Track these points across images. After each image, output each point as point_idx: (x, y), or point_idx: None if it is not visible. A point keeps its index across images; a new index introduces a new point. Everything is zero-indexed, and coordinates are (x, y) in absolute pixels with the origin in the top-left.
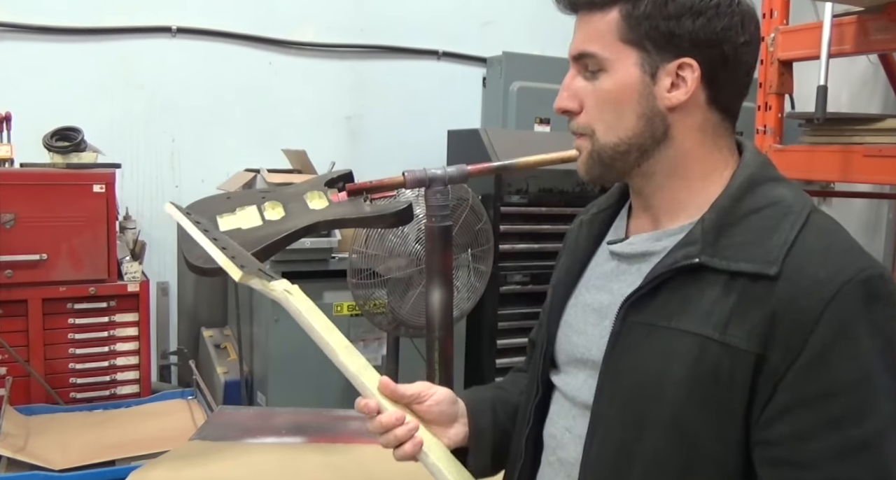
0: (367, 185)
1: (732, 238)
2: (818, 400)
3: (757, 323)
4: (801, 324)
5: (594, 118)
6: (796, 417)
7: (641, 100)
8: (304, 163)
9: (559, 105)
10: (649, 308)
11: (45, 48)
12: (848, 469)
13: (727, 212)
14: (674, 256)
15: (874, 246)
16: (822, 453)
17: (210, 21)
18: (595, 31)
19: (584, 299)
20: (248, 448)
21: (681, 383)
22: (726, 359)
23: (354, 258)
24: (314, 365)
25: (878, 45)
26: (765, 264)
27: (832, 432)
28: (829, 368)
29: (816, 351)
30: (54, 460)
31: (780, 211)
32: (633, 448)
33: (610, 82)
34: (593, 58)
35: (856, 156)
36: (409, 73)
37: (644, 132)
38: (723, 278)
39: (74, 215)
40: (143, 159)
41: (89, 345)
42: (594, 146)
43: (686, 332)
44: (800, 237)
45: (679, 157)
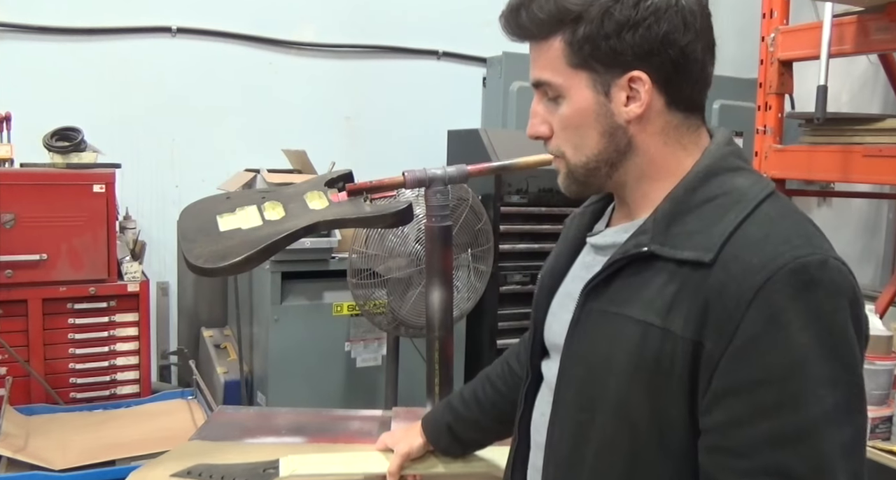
0: (367, 185)
1: (682, 226)
2: (750, 387)
3: (693, 311)
4: (731, 311)
5: (562, 141)
6: (729, 404)
7: (600, 119)
8: (304, 163)
9: (531, 132)
10: (605, 295)
11: (45, 48)
12: (781, 457)
13: (679, 201)
14: (627, 245)
15: (874, 246)
16: (755, 440)
17: (210, 21)
18: (545, 60)
19: (566, 289)
20: (248, 448)
21: (624, 368)
22: (667, 345)
23: (354, 258)
24: (314, 365)
25: (878, 45)
26: (703, 251)
27: (764, 420)
28: (760, 355)
29: (747, 337)
30: (54, 460)
31: (732, 200)
32: (587, 430)
33: (568, 107)
34: (549, 85)
35: (856, 156)
36: (409, 72)
37: (608, 148)
38: (670, 266)
39: (74, 215)
40: (143, 159)
41: (89, 345)
42: (568, 166)
43: (630, 318)
44: (743, 225)
45: (646, 163)
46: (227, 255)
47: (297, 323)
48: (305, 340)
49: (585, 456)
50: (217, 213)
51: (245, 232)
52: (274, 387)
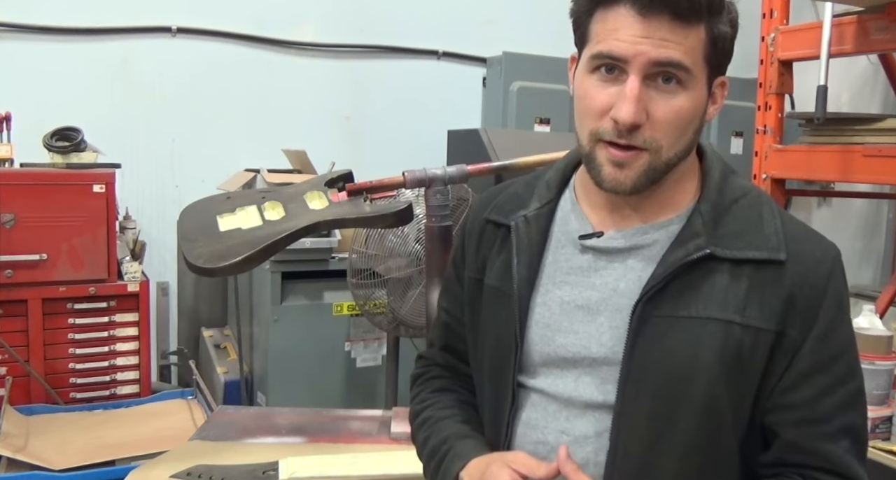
0: (367, 185)
1: (726, 227)
2: (831, 363)
3: (774, 304)
4: (813, 300)
5: (662, 133)
6: (813, 381)
7: (702, 117)
8: (304, 163)
9: (635, 119)
10: (664, 301)
11: (45, 48)
12: (852, 416)
13: (717, 203)
14: (685, 249)
15: (874, 246)
16: (835, 407)
17: (210, 21)
18: (688, 45)
19: (556, 296)
20: (248, 448)
21: (712, 366)
22: (747, 339)
23: (354, 258)
24: (314, 365)
25: (878, 45)
26: (772, 251)
27: (840, 388)
28: (836, 334)
29: (826, 321)
30: (54, 460)
31: (755, 200)
32: (664, 437)
33: (687, 100)
34: (686, 72)
35: (856, 156)
36: (409, 72)
37: (691, 146)
38: (727, 266)
39: (74, 215)
40: (143, 159)
41: (89, 345)
42: (654, 161)
43: (710, 319)
44: (784, 225)
45: (688, 164)
46: (227, 255)
47: (297, 323)
48: (305, 340)
49: (664, 464)
50: (217, 213)
51: (245, 232)
52: (274, 387)
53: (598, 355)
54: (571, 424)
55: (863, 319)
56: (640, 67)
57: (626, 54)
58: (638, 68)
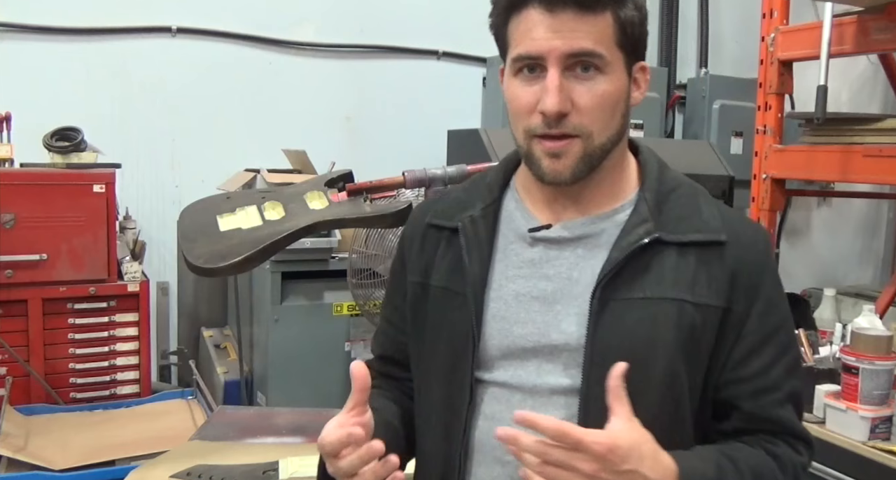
0: (367, 185)
1: (668, 214)
2: (774, 334)
3: (721, 282)
4: (753, 277)
5: (590, 119)
6: (762, 353)
7: (626, 101)
8: (304, 163)
9: (559, 108)
10: (620, 285)
11: (45, 48)
12: (794, 382)
13: (658, 191)
14: (635, 234)
15: (874, 246)
16: (781, 375)
17: (210, 21)
18: (596, 32)
19: (510, 290)
20: (247, 448)
21: (670, 344)
22: (699, 317)
23: (354, 258)
24: (314, 365)
25: (878, 45)
26: (713, 233)
27: (784, 357)
28: (776, 306)
29: (767, 294)
30: (54, 460)
31: (690, 190)
32: None
33: (609, 84)
34: (600, 58)
35: (856, 156)
36: (409, 73)
37: (622, 130)
38: (674, 249)
39: (74, 215)
40: (143, 159)
41: (89, 345)
42: (588, 148)
43: (664, 299)
44: (719, 211)
45: (622, 152)
46: (227, 255)
47: (297, 323)
48: (305, 340)
49: None
50: (217, 213)
51: (245, 232)
52: (274, 387)
53: (559, 342)
54: (538, 411)
55: (863, 319)
56: (556, 61)
57: (542, 51)
58: (555, 62)
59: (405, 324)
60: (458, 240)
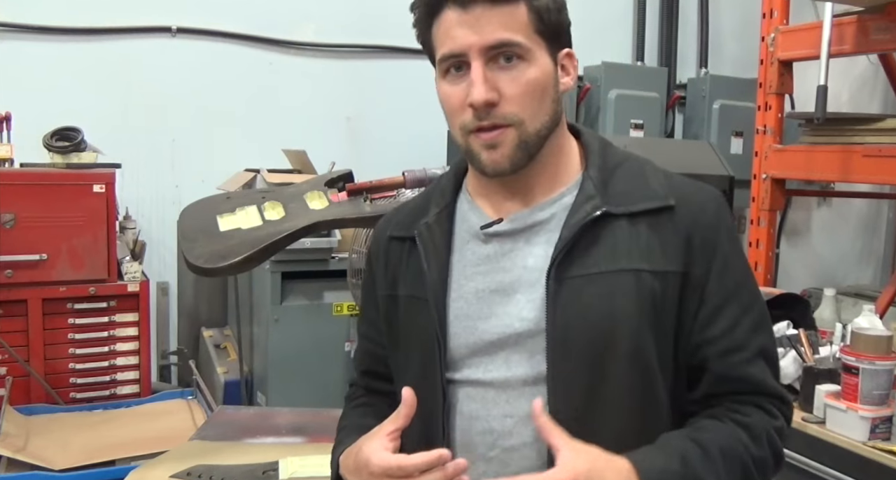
0: (367, 185)
1: (615, 187)
2: (736, 292)
3: (675, 247)
4: (708, 238)
5: (519, 107)
6: (725, 312)
7: (555, 86)
8: (304, 163)
9: (486, 97)
10: (574, 262)
11: (45, 48)
12: (762, 338)
13: (602, 168)
14: (583, 211)
15: (874, 245)
16: (747, 332)
17: (210, 21)
18: (512, 22)
19: (471, 288)
20: (248, 448)
21: (632, 315)
22: (658, 284)
23: (354, 258)
24: (314, 365)
25: (878, 45)
26: (661, 199)
27: (748, 314)
28: (734, 266)
29: (724, 254)
30: (54, 460)
31: (636, 163)
32: (598, 391)
33: (534, 71)
34: (519, 47)
35: (856, 156)
36: (409, 73)
37: (555, 116)
38: (624, 221)
39: (74, 215)
40: (143, 159)
41: (89, 345)
42: (522, 135)
43: (620, 270)
44: (666, 179)
45: (560, 137)
46: (227, 255)
47: (297, 323)
48: (305, 340)
49: (602, 420)
50: (217, 213)
51: (245, 232)
52: (274, 387)
53: (522, 329)
54: (513, 406)
55: (863, 319)
56: (477, 54)
57: (462, 48)
58: (476, 55)
59: (382, 338)
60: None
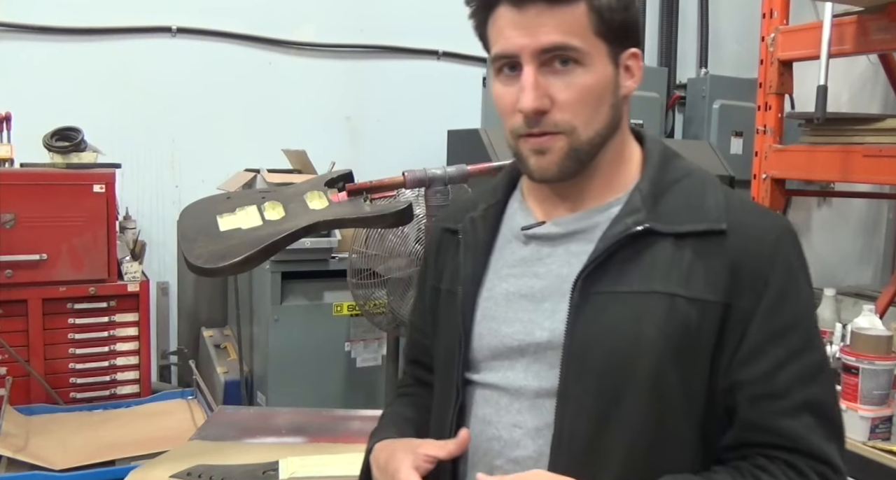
0: (367, 185)
1: (667, 205)
2: (785, 334)
3: (719, 275)
4: (759, 270)
5: (572, 114)
6: (767, 354)
7: (614, 92)
8: (304, 163)
9: (535, 105)
10: (605, 277)
11: (45, 48)
12: (813, 390)
13: (657, 182)
14: (623, 223)
15: (874, 246)
16: (792, 380)
17: (210, 21)
18: (569, 24)
19: (502, 289)
20: (247, 448)
21: (656, 341)
22: (694, 312)
23: (354, 258)
24: (314, 365)
25: (878, 45)
26: (712, 222)
27: (796, 361)
28: (787, 304)
29: (776, 290)
30: (54, 460)
31: (698, 179)
32: (609, 417)
33: (590, 76)
34: (575, 51)
35: (856, 156)
36: (409, 73)
37: (612, 123)
38: (669, 240)
39: (74, 215)
40: (143, 159)
41: (89, 345)
42: (573, 143)
43: (652, 293)
44: (727, 199)
45: (619, 145)
46: (227, 255)
47: (297, 323)
48: (305, 340)
49: (611, 447)
50: (217, 213)
51: (245, 232)
52: (274, 387)
53: (542, 339)
54: (523, 416)
55: (863, 319)
56: (529, 57)
57: (514, 49)
58: (528, 59)
59: (428, 328)
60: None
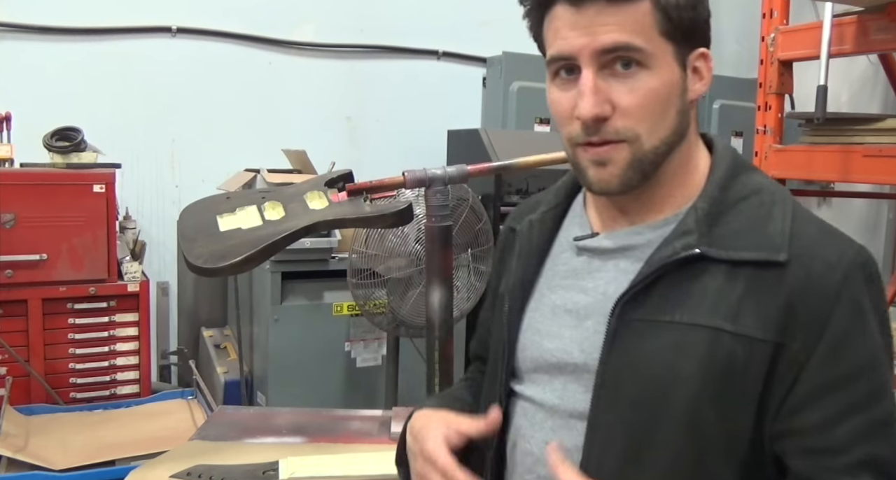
0: (367, 185)
1: (726, 226)
2: (843, 383)
3: (772, 311)
4: (819, 309)
5: (635, 121)
6: (824, 403)
7: (681, 96)
8: (304, 163)
9: (594, 112)
10: (647, 303)
11: (45, 48)
12: (876, 447)
13: (717, 200)
14: (671, 247)
15: (874, 246)
16: (851, 435)
17: (210, 21)
18: (632, 23)
19: (550, 300)
20: (248, 448)
21: (693, 378)
22: (740, 350)
23: (354, 258)
24: (314, 365)
25: (878, 45)
26: (771, 251)
27: (858, 414)
28: (851, 349)
29: (838, 334)
30: (54, 460)
31: (766, 199)
32: (641, 452)
33: (655, 80)
34: (639, 51)
35: (856, 156)
36: (409, 73)
37: (678, 129)
38: (723, 268)
39: (74, 215)
40: (143, 159)
41: (89, 345)
42: (637, 153)
43: (694, 325)
44: (794, 224)
45: (685, 153)
46: (227, 255)
47: (297, 323)
48: (305, 340)
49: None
50: (217, 213)
51: (245, 232)
52: (274, 387)
53: (579, 361)
54: (556, 434)
55: None
56: (588, 59)
57: (572, 50)
58: (587, 61)
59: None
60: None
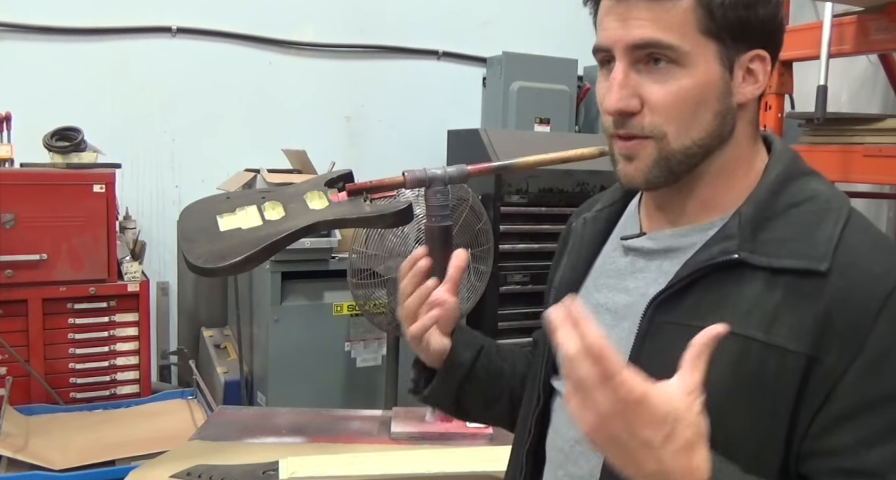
0: (367, 185)
1: (772, 233)
2: (882, 403)
3: (807, 323)
4: (858, 323)
5: (665, 119)
6: (860, 423)
7: (720, 98)
8: (304, 163)
9: (619, 106)
10: (680, 307)
11: (45, 48)
12: None
13: (765, 206)
14: (709, 251)
15: None
16: (888, 459)
17: (210, 21)
18: (669, 19)
19: (594, 299)
20: (248, 448)
21: (720, 388)
22: (771, 361)
23: (354, 258)
24: (314, 365)
25: (878, 45)
26: (813, 260)
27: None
28: (891, 369)
29: (877, 350)
30: (54, 460)
31: (820, 206)
32: None
33: (688, 78)
34: (671, 49)
35: (856, 156)
36: (409, 73)
37: (716, 132)
38: (763, 275)
39: (74, 215)
40: (143, 159)
41: (89, 345)
42: (663, 150)
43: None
44: (844, 233)
45: (732, 157)
46: (227, 255)
47: (297, 323)
48: (305, 340)
49: None
50: (217, 213)
51: (245, 232)
52: (274, 387)
53: None
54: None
55: None
56: (621, 53)
57: (608, 43)
58: (620, 54)
59: None
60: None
